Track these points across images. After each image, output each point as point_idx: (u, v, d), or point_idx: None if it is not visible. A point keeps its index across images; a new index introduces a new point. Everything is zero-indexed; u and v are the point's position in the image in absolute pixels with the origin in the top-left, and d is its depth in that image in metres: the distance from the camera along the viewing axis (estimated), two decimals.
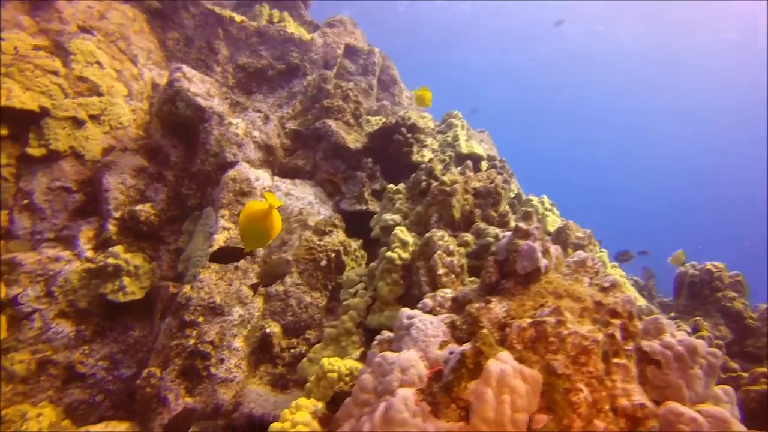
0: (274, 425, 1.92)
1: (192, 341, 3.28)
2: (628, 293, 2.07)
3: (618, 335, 1.91)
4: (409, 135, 4.50)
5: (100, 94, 4.49)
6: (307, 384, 2.30)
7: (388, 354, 1.97)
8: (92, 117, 4.35)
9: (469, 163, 3.40)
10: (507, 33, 29.80)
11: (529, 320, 1.99)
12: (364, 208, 4.22)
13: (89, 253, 3.78)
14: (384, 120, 4.79)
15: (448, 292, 2.41)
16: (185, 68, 4.49)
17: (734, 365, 3.40)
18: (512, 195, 4.58)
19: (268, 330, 3.43)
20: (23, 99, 3.88)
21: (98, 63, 4.66)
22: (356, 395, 1.92)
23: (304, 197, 4.33)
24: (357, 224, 4.34)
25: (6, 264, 3.42)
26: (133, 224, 4.00)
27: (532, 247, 2.19)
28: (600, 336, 1.88)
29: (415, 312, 2.19)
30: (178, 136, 4.45)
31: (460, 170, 3.32)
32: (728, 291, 4.08)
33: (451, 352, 1.95)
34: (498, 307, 2.10)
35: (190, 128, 4.38)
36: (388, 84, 7.00)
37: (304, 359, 2.79)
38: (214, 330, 3.35)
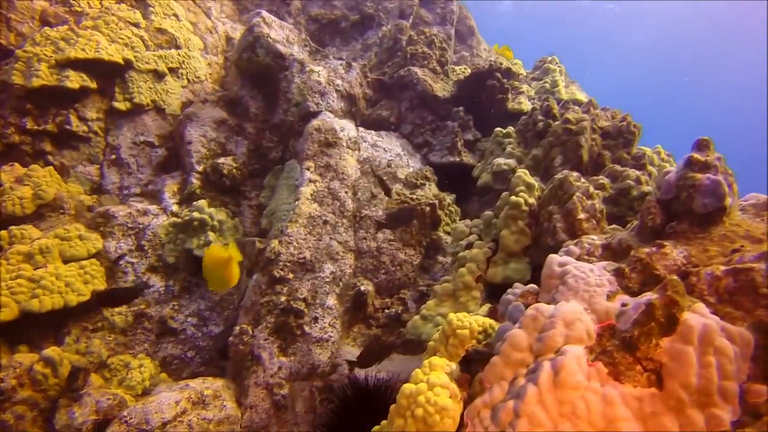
0: (407, 386, 1.65)
1: (283, 298, 3.09)
2: None
3: None
4: (504, 80, 4.05)
5: (178, 47, 4.33)
6: (430, 343, 2.02)
7: (544, 306, 1.64)
8: (171, 70, 4.21)
9: (594, 100, 2.94)
10: None
11: (723, 268, 1.59)
12: (457, 159, 3.86)
13: (175, 207, 3.68)
14: (474, 66, 4.35)
15: (595, 239, 2.03)
16: (264, 13, 4.23)
17: None
18: None
19: (362, 288, 3.19)
20: (110, 51, 3.77)
21: (175, 15, 4.50)
22: (507, 354, 1.61)
23: (391, 149, 4.02)
24: (447, 178, 4.00)
25: (102, 216, 3.36)
26: (216, 178, 3.85)
27: (716, 182, 1.76)
28: None
29: (567, 258, 1.83)
30: (257, 86, 4.24)
31: (583, 108, 2.87)
32: None
33: (624, 304, 1.59)
34: (675, 253, 1.71)
35: (270, 77, 4.15)
36: (465, 35, 6.48)
37: (416, 317, 2.52)
38: (305, 287, 3.15)
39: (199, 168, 3.86)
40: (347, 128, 3.91)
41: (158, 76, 4.07)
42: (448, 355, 1.95)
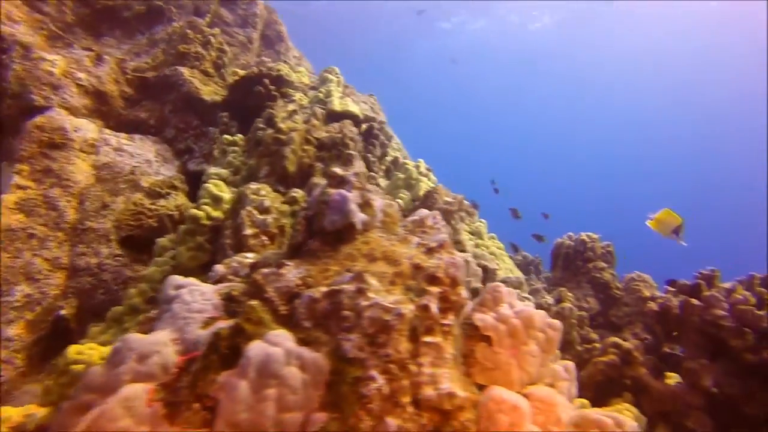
0: None
1: None
2: (457, 255, 1.68)
3: (433, 307, 1.51)
4: (272, 87, 3.91)
5: None
6: (47, 381, 1.70)
7: (133, 337, 1.44)
8: None
9: (318, 112, 2.90)
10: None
11: (324, 289, 1.55)
12: None
13: None
14: (246, 70, 4.16)
15: (249, 257, 1.91)
16: None
17: (594, 336, 3.25)
18: (389, 159, 4.17)
19: (63, 312, 2.74)
20: None
21: None
22: (77, 396, 1.36)
23: (140, 154, 3.61)
24: None
25: None
26: None
27: (344, 198, 1.73)
28: (408, 308, 1.48)
29: (188, 281, 1.67)
30: None
31: (305, 118, 2.82)
32: (599, 261, 3.98)
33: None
34: (292, 273, 1.63)
35: None
36: (274, 41, 6.31)
37: (72, 347, 2.17)
38: None
39: None
40: (84, 129, 3.42)
41: None
42: (57, 395, 1.65)
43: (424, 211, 2.14)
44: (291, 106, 3.95)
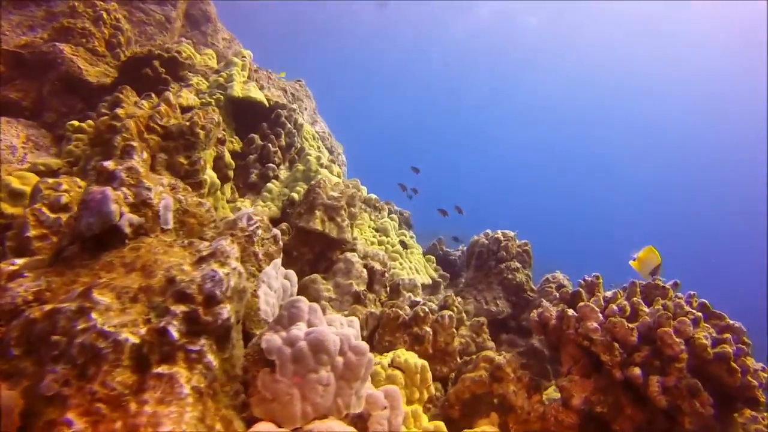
0: None
1: None
2: (226, 268, 1.41)
3: (173, 330, 1.25)
4: (163, 70, 3.58)
5: None
6: None
7: None
8: None
9: (170, 96, 2.59)
10: None
11: (47, 308, 1.28)
12: None
13: None
14: (138, 50, 3.81)
15: (17, 263, 1.61)
16: None
17: (490, 345, 3.04)
18: (295, 150, 3.89)
19: None
20: None
21: None
22: None
23: (2, 139, 3.27)
24: None
25: None
26: None
27: (105, 197, 1.45)
28: (133, 333, 1.21)
29: None
30: None
31: (155, 104, 2.52)
32: (513, 262, 3.77)
33: None
34: (25, 286, 1.35)
35: None
36: (200, 21, 5.92)
37: None
38: None
39: None
40: None
41: None
42: None
43: (243, 212, 1.88)
44: (187, 92, 3.63)
